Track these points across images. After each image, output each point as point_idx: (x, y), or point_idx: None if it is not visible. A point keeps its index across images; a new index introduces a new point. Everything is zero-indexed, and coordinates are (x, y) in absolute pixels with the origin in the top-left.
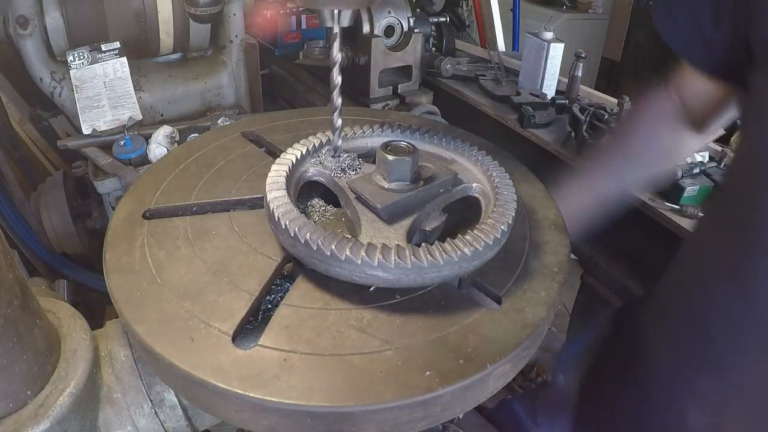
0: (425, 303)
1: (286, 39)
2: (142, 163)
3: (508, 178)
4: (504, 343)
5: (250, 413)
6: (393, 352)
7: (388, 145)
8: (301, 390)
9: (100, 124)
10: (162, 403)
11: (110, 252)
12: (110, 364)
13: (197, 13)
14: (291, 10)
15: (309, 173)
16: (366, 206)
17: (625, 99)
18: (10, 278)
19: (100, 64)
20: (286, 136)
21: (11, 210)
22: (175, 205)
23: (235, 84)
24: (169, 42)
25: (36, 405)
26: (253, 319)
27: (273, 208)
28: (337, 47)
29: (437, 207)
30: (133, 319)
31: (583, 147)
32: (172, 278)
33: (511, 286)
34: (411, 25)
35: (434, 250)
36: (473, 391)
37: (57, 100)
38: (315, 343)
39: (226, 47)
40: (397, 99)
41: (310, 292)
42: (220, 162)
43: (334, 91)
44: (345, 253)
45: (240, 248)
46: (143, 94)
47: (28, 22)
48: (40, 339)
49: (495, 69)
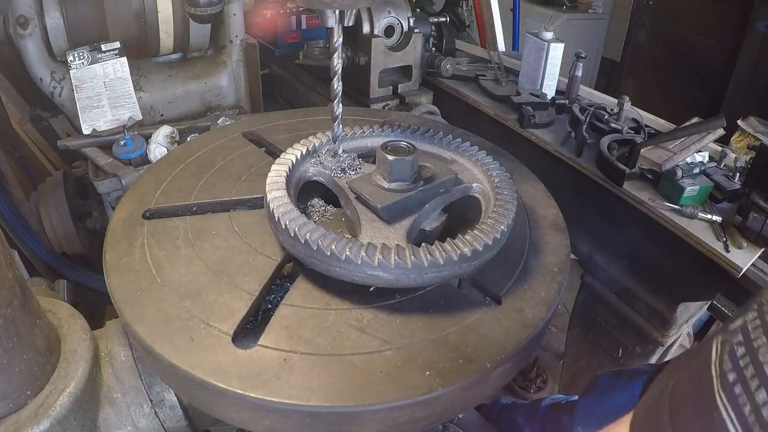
0: (425, 303)
1: (286, 39)
2: (142, 163)
3: (508, 178)
4: (504, 343)
5: (250, 413)
6: (393, 352)
7: (388, 145)
8: (301, 390)
9: (100, 124)
10: (162, 403)
11: (110, 252)
12: (110, 364)
13: (197, 13)
14: (291, 10)
15: (309, 173)
16: (366, 206)
17: (625, 99)
18: (10, 278)
19: (100, 64)
20: (286, 136)
21: (11, 210)
22: (175, 205)
23: (235, 84)
24: (169, 42)
25: (36, 405)
26: (253, 319)
27: (273, 208)
28: (337, 57)
29: (437, 207)
30: (133, 319)
31: (583, 147)
32: (172, 278)
33: (511, 286)
34: (411, 25)
35: (434, 250)
36: (473, 391)
37: (57, 100)
38: (315, 343)
39: (226, 47)
40: (397, 99)
41: (310, 292)
42: (220, 162)
43: (334, 100)
44: (345, 253)
45: (240, 248)
46: (143, 94)
47: (28, 22)
48: (40, 339)
49: (495, 69)
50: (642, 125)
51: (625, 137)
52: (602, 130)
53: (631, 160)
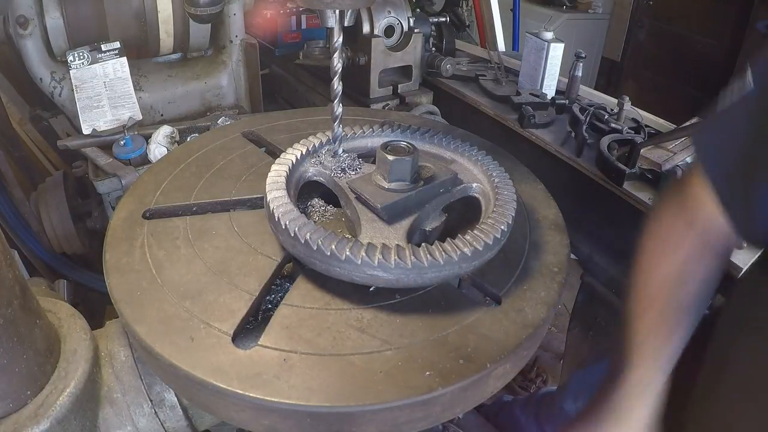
0: (425, 303)
1: (286, 39)
2: (142, 163)
3: (508, 178)
4: (504, 343)
5: (250, 413)
6: (393, 352)
7: (388, 145)
8: (301, 390)
9: (100, 124)
10: (162, 403)
11: (110, 252)
12: (110, 364)
13: (197, 13)
14: (291, 10)
15: (309, 173)
16: (366, 206)
17: (625, 99)
18: (10, 278)
19: (100, 64)
20: (286, 136)
21: (11, 210)
22: (175, 205)
23: (235, 84)
24: (169, 42)
25: (36, 405)
26: (253, 319)
27: (273, 208)
28: (337, 57)
29: (437, 207)
30: (133, 319)
31: (583, 147)
32: (172, 278)
33: (511, 286)
34: (411, 25)
35: (434, 250)
36: (473, 391)
37: (57, 100)
38: (315, 343)
39: (226, 47)
40: (397, 99)
41: (310, 292)
42: (220, 162)
43: (334, 100)
44: (345, 253)
45: (240, 248)
46: (143, 94)
47: (28, 22)
48: (40, 339)
49: (495, 69)
50: (642, 125)
51: (625, 137)
52: (602, 130)
53: (631, 160)
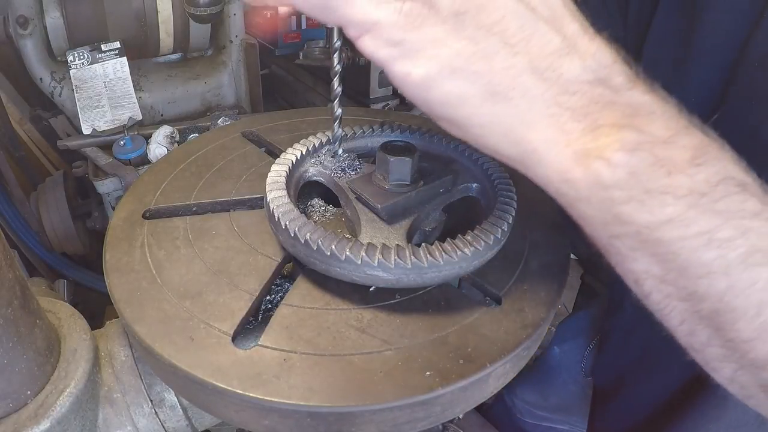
0: (425, 303)
1: (286, 39)
2: (142, 163)
3: (508, 178)
4: (504, 343)
5: (250, 413)
6: (393, 352)
7: (388, 145)
8: (301, 390)
9: (100, 124)
10: (162, 403)
11: (110, 252)
12: (110, 364)
13: (197, 13)
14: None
15: (309, 173)
16: (366, 206)
17: None
18: (10, 278)
19: (100, 64)
20: (286, 136)
21: (11, 210)
22: (175, 205)
23: (235, 84)
24: (169, 42)
25: (36, 405)
26: (253, 319)
27: (273, 208)
28: (337, 57)
29: (437, 207)
30: (133, 319)
31: None
32: (172, 278)
33: (511, 286)
34: None
35: (434, 250)
36: (473, 391)
37: (57, 100)
38: (315, 343)
39: (226, 47)
40: (397, 99)
41: (310, 292)
42: (220, 162)
43: (335, 100)
44: (345, 253)
45: (240, 248)
46: (143, 94)
47: (28, 22)
48: (40, 339)
49: None
50: None
51: None
52: None
53: None
